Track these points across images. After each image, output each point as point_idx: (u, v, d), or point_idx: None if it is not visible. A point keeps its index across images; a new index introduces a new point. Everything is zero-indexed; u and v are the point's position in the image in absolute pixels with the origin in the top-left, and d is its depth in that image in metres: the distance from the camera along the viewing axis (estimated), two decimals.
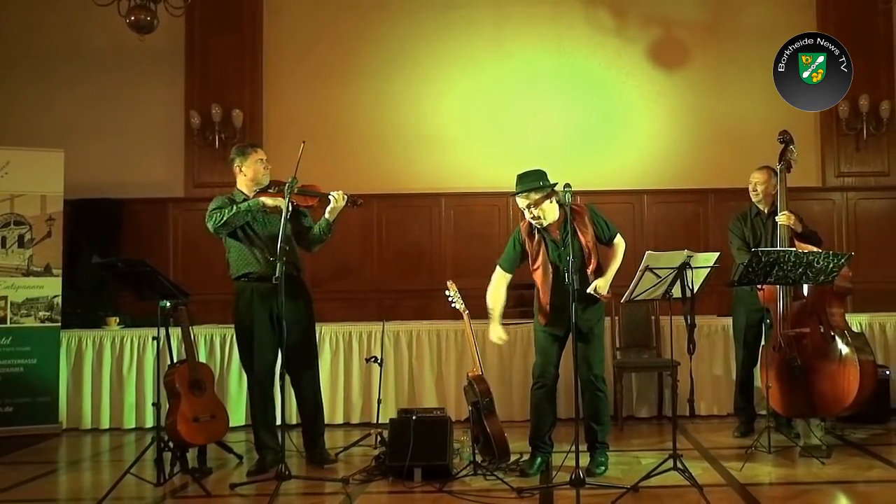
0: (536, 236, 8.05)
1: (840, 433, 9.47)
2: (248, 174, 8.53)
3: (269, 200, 8.24)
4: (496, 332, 8.26)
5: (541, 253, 8.02)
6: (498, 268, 8.36)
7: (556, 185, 7.84)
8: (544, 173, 7.95)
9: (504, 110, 13.45)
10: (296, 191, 8.17)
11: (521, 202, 7.94)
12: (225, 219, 8.25)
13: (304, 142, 8.00)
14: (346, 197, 8.39)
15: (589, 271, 7.89)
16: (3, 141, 11.67)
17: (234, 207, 8.29)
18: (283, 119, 13.42)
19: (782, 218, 9.08)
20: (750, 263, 8.07)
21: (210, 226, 8.35)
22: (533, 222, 7.98)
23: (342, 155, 12.91)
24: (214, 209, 8.36)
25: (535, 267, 8.08)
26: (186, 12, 12.05)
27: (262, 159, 8.57)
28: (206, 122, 13.09)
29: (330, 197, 8.35)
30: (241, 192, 8.56)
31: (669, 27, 13.53)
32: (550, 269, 7.96)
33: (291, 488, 7.74)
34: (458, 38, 13.54)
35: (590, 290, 7.74)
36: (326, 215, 8.43)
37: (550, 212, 7.91)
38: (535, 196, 7.85)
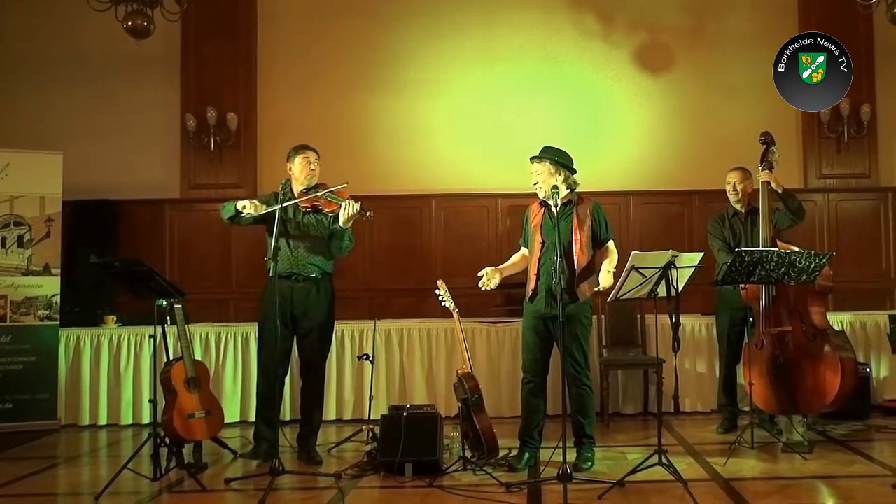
0: (539, 210, 8.22)
1: (821, 429, 9.46)
2: (295, 172, 8.61)
3: (248, 205, 8.29)
4: (489, 274, 8.19)
5: (536, 225, 8.18)
6: (521, 246, 8.51)
7: (574, 171, 8.08)
8: (567, 154, 8.16)
9: (493, 114, 13.48)
10: (327, 195, 8.38)
11: (539, 167, 8.12)
12: (225, 215, 8.51)
13: (346, 182, 8.20)
14: (357, 207, 8.36)
15: (576, 263, 7.94)
16: (3, 143, 11.64)
17: (235, 214, 8.39)
18: (276, 122, 13.44)
19: (763, 175, 9.13)
20: (733, 263, 8.09)
21: (221, 213, 8.59)
22: (537, 191, 8.17)
23: (334, 157, 12.84)
24: (228, 203, 8.53)
25: (531, 240, 8.23)
26: (182, 18, 12.03)
27: (308, 159, 8.61)
28: (202, 125, 13.12)
29: (342, 204, 8.35)
30: (290, 186, 8.59)
31: (655, 32, 13.56)
32: (539, 243, 8.09)
33: (285, 483, 7.72)
34: (447, 42, 13.59)
35: (602, 282, 7.85)
36: (339, 223, 8.43)
37: (561, 190, 7.95)
38: (539, 167, 8.11)
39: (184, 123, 13.22)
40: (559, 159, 8.06)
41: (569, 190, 7.96)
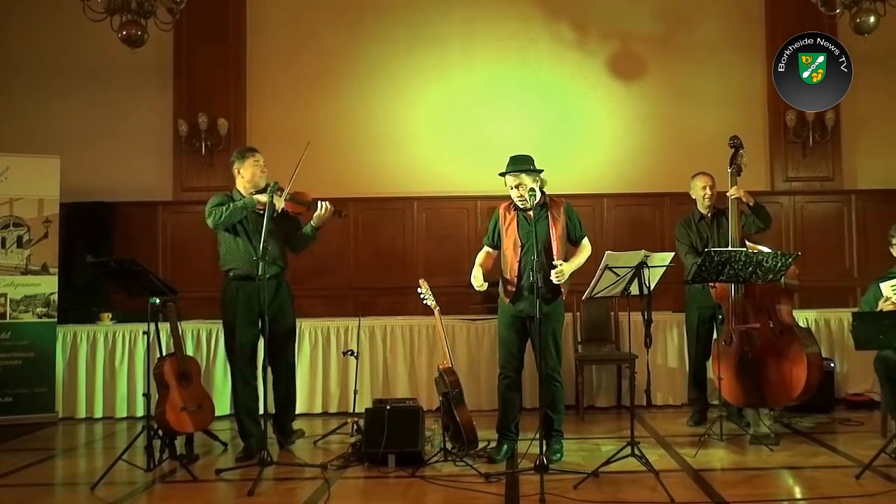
0: (511, 213, 8.17)
1: (788, 422, 9.50)
2: (245, 176, 8.60)
3: (262, 198, 8.25)
4: (478, 279, 8.20)
5: (511, 229, 8.11)
6: (484, 245, 8.48)
7: (542, 171, 8.01)
8: (533, 159, 8.07)
9: (472, 119, 13.46)
10: (288, 197, 8.39)
11: (511, 181, 8.03)
12: (223, 217, 8.35)
13: (308, 143, 8.13)
14: (329, 208, 8.40)
15: (555, 261, 7.89)
16: (3, 147, 11.61)
17: (232, 205, 8.38)
18: (265, 127, 13.38)
19: (733, 191, 9.13)
20: (703, 263, 8.09)
21: (210, 222, 8.43)
22: (517, 202, 8.08)
23: (321, 160, 12.79)
24: (214, 206, 8.44)
25: (506, 243, 8.17)
26: (175, 27, 11.95)
27: (258, 163, 8.63)
28: (193, 130, 13.07)
29: (318, 205, 8.37)
30: (239, 192, 8.64)
31: (627, 41, 13.56)
32: (519, 245, 8.03)
33: (273, 473, 7.72)
34: (429, 51, 13.55)
35: (556, 262, 7.80)
36: (313, 222, 8.49)
37: (536, 193, 7.93)
38: (525, 178, 7.95)
39: (176, 128, 13.18)
40: (533, 167, 8.02)
41: (541, 192, 7.94)
